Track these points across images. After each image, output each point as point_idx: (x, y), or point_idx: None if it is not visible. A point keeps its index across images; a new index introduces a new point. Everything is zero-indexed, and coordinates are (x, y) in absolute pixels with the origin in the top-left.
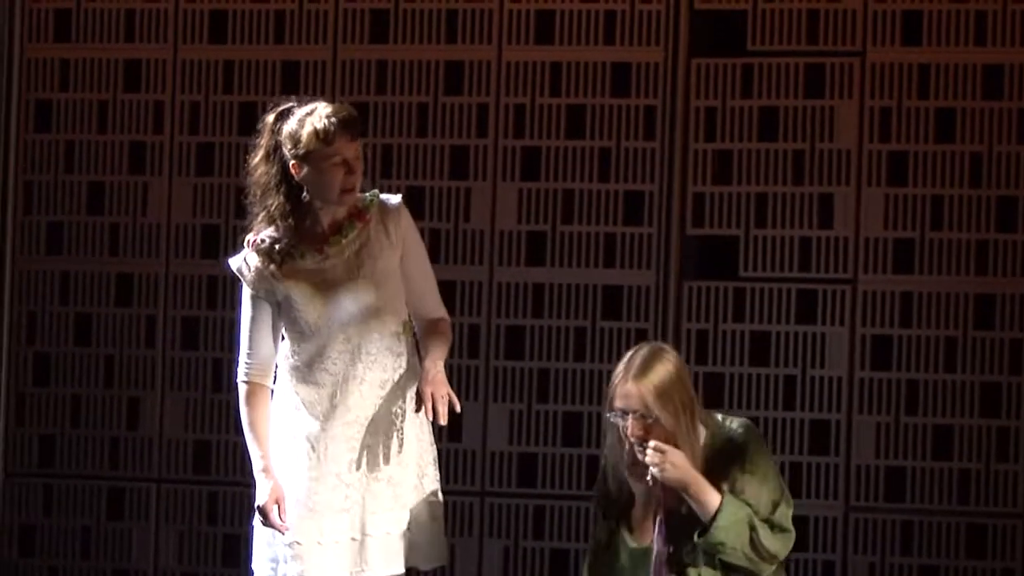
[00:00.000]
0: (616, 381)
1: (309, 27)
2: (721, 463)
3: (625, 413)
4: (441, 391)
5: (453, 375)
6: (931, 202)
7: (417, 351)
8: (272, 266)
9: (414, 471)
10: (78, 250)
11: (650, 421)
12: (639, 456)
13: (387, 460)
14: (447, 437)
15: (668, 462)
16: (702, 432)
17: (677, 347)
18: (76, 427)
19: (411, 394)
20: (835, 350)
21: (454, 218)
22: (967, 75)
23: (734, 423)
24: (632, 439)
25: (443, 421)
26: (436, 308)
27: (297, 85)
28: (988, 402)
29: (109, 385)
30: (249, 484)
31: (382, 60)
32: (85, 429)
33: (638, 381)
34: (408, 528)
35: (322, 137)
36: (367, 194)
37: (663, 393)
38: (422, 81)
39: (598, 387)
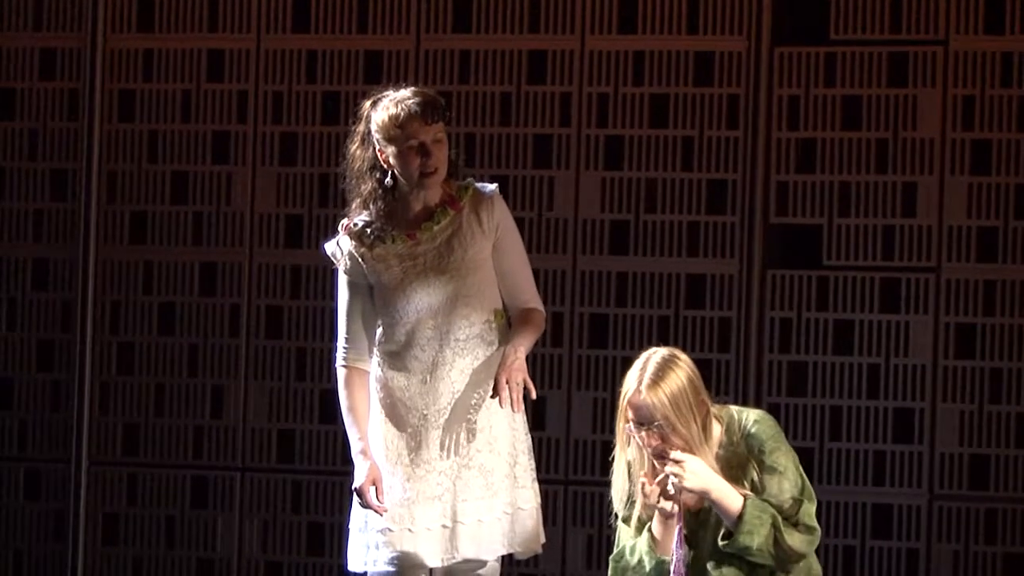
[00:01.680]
0: (628, 393)
1: (392, 17)
2: (738, 461)
3: (640, 424)
4: (517, 378)
5: (537, 364)
6: (1015, 190)
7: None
8: (363, 249)
9: (506, 459)
10: (162, 239)
11: (667, 431)
12: (658, 467)
13: (477, 448)
14: (531, 425)
15: (689, 471)
16: (717, 429)
17: (760, 336)
18: (160, 416)
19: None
20: (919, 338)
21: (537, 207)
22: None
23: (749, 417)
24: (649, 450)
25: (516, 409)
26: (531, 298)
27: (380, 75)
28: None
29: (193, 374)
30: (332, 472)
31: (465, 50)
32: (169, 418)
33: (652, 392)
34: (501, 516)
35: (396, 122)
36: (463, 182)
37: (677, 402)
38: (505, 70)
39: None
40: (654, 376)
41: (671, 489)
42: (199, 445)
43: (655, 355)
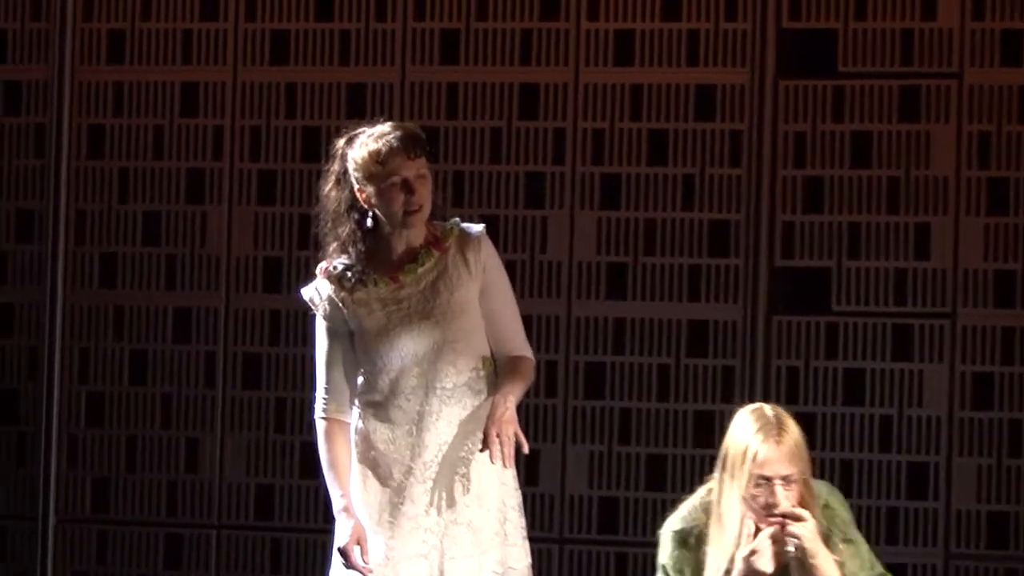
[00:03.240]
0: (761, 448)
1: (376, 48)
2: (820, 528)
3: (767, 480)
4: (508, 431)
5: (529, 415)
6: None
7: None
8: (343, 294)
9: (495, 516)
10: (133, 283)
11: (799, 485)
12: (763, 526)
13: (465, 503)
14: (523, 480)
15: (810, 531)
16: None
17: (766, 385)
18: (132, 470)
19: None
20: (933, 388)
21: (530, 249)
22: None
23: (821, 486)
24: (782, 510)
25: (508, 465)
26: (519, 346)
27: (363, 109)
28: None
29: (166, 426)
30: (314, 530)
31: (453, 82)
32: (141, 473)
33: (790, 442)
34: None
35: (376, 158)
36: (448, 222)
37: (804, 452)
38: (495, 104)
39: (683, 428)
40: (783, 426)
41: (791, 549)
42: (173, 501)
43: (764, 408)
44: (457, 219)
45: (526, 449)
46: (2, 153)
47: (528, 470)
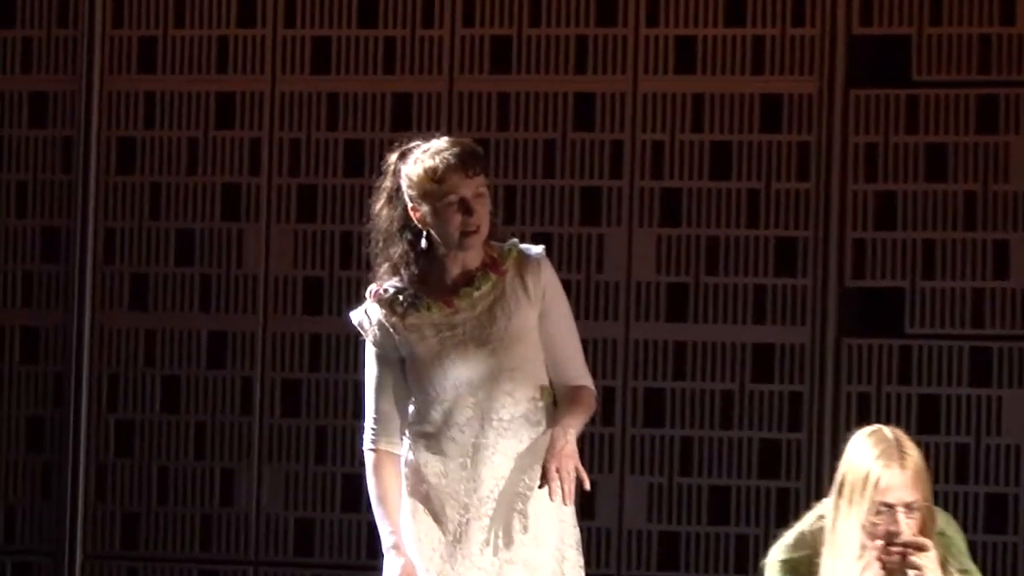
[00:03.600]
0: (876, 473)
1: (423, 56)
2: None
3: (889, 507)
4: (568, 466)
5: (585, 444)
6: None
7: None
8: (395, 318)
9: (552, 555)
10: (165, 305)
11: (924, 512)
12: (885, 557)
13: (522, 542)
14: (579, 514)
15: (933, 562)
16: None
17: (835, 412)
18: (163, 503)
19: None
20: (1013, 415)
21: (585, 268)
22: None
23: (939, 515)
24: (905, 539)
25: (568, 502)
26: (579, 375)
27: (409, 120)
28: None
29: (200, 456)
30: (357, 567)
31: (504, 92)
32: (173, 506)
33: (909, 467)
34: None
35: (433, 176)
36: (506, 243)
37: (927, 478)
38: (549, 115)
39: (747, 458)
40: (905, 450)
41: None
42: (207, 536)
43: (884, 431)
44: (515, 240)
45: (587, 485)
46: (27, 167)
47: (585, 504)
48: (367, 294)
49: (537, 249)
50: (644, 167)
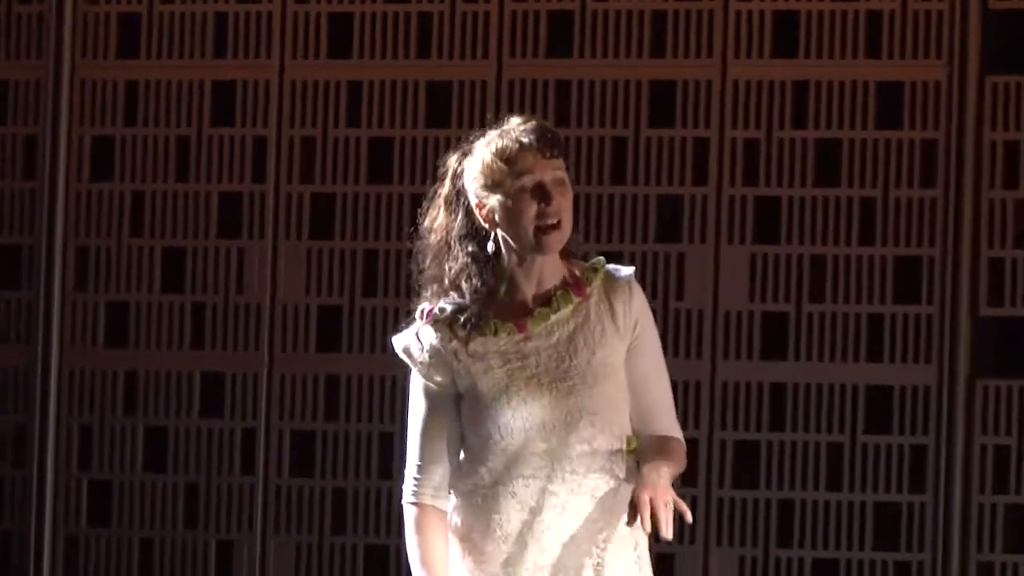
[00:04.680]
0: None
1: (464, 36)
2: None
3: None
4: (665, 497)
5: None
6: None
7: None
8: (455, 343)
9: None
10: (149, 341)
11: None
12: None
13: None
14: None
15: None
16: None
17: (967, 469)
18: None
19: (623, 528)
20: None
21: (662, 294)
22: None
23: None
24: None
25: (667, 534)
26: (668, 425)
27: (448, 114)
28: None
29: (192, 524)
30: None
31: (564, 80)
32: None
33: None
34: None
35: (502, 156)
36: (592, 261)
37: None
38: (619, 108)
39: (859, 525)
40: None
41: None
42: None
43: None
44: (602, 258)
45: (688, 517)
46: None
47: None
48: (417, 315)
49: (627, 270)
50: (734, 171)
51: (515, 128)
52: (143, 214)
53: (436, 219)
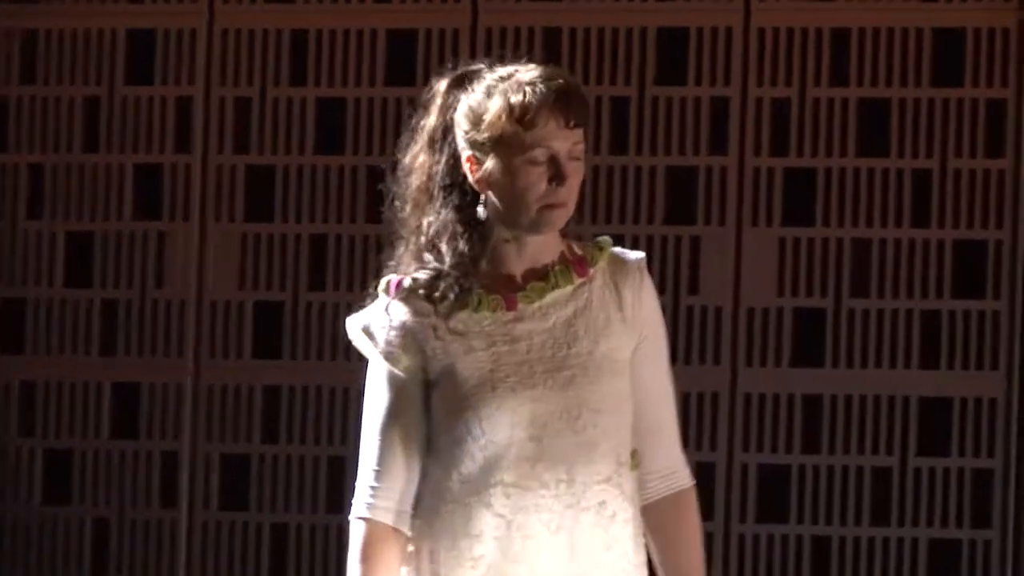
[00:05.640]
0: None
1: None
2: None
3: None
4: None
5: None
6: None
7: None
8: (434, 317)
9: None
10: (49, 346)
11: None
12: None
13: None
14: None
15: None
16: None
17: None
18: None
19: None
20: None
21: (673, 286)
22: None
23: None
24: None
25: None
26: (674, 459)
27: (412, 69)
28: None
29: (101, 567)
30: None
31: (552, 27)
32: None
33: None
34: None
35: (518, 114)
36: (596, 240)
37: None
38: (619, 60)
39: (910, 565)
40: None
41: None
42: None
43: None
44: (608, 237)
45: None
46: None
47: None
48: (381, 287)
49: (636, 254)
50: (759, 136)
51: (536, 80)
52: (42, 192)
53: (417, 157)
